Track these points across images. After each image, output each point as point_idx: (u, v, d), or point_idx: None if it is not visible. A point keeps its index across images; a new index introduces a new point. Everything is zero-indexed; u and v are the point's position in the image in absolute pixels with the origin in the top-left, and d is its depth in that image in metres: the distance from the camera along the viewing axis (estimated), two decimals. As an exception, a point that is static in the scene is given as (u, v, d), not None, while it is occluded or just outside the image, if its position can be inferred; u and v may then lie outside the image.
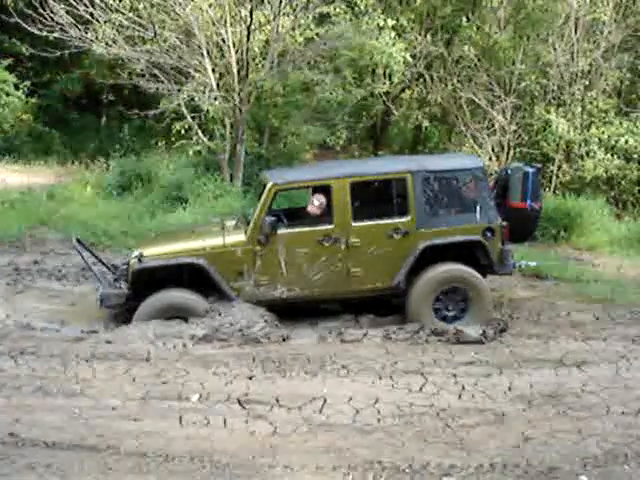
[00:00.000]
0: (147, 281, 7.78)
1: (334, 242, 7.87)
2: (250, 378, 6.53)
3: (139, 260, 7.74)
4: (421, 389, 6.39)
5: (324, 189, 8.00)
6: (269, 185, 7.84)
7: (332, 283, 7.92)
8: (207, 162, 13.73)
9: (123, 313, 8.16)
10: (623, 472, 5.00)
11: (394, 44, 13.05)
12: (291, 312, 7.95)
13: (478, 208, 8.01)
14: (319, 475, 4.86)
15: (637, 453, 5.25)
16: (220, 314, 7.61)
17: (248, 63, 12.57)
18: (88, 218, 11.96)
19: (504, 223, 8.08)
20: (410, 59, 13.70)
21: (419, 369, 6.82)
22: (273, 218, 7.75)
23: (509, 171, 8.65)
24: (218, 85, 12.90)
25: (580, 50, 13.76)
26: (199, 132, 13.42)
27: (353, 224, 7.88)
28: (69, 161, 17.69)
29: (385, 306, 8.27)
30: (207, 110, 12.87)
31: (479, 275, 7.97)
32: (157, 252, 7.91)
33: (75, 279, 9.59)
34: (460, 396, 6.27)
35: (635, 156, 13.83)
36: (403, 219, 7.94)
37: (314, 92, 14.14)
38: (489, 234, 7.99)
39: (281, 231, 7.84)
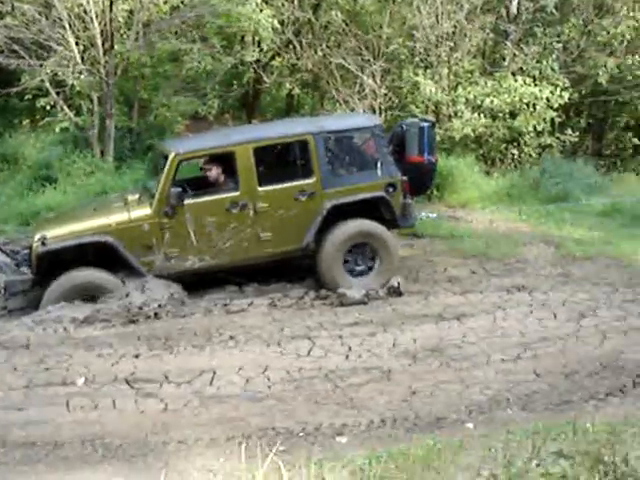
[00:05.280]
0: (53, 263, 7.47)
1: (242, 208, 7.82)
2: (136, 357, 6.45)
3: (43, 243, 7.42)
4: (309, 353, 6.49)
5: (226, 156, 7.91)
6: (172, 156, 7.67)
7: (243, 250, 7.90)
8: (76, 139, 13.21)
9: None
10: (506, 416, 5.26)
11: (261, 10, 12.93)
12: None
13: (379, 165, 8.14)
14: (213, 447, 4.87)
15: (518, 397, 5.55)
16: (111, 295, 7.47)
17: (113, 34, 12.15)
18: (-49, 203, 11.39)
19: (404, 178, 8.25)
20: (278, 25, 13.62)
21: (306, 334, 6.92)
22: (179, 189, 7.61)
23: (404, 127, 8.79)
24: (83, 58, 12.43)
25: (444, 12, 14.03)
26: (65, 108, 12.90)
27: (259, 189, 7.86)
28: None
29: (270, 274, 8.30)
30: (72, 85, 12.39)
31: (385, 229, 8.16)
32: (61, 233, 7.60)
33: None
34: (347, 357, 6.41)
35: (500, 115, 14.34)
36: (308, 181, 7.98)
37: (182, 62, 13.84)
38: (391, 189, 8.15)
39: (188, 201, 7.71)
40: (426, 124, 8.71)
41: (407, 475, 3.79)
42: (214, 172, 8.10)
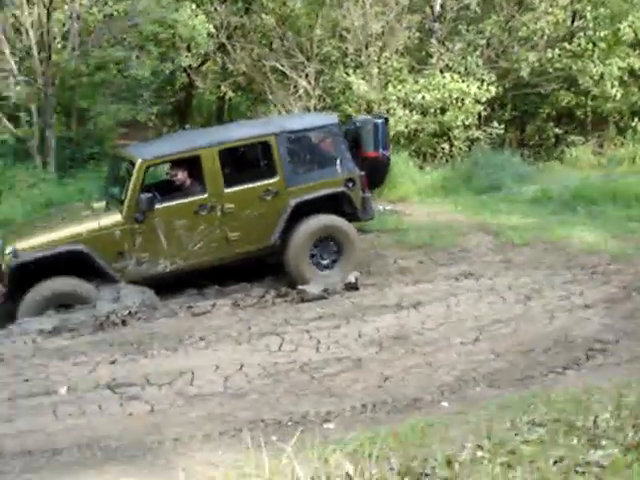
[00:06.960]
0: (25, 275, 7.51)
1: (210, 210, 8.06)
2: (113, 363, 6.56)
3: (15, 256, 7.46)
4: (280, 348, 6.75)
5: (192, 159, 8.10)
6: (139, 162, 7.81)
7: (212, 251, 8.14)
8: (16, 151, 13.13)
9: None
10: (476, 393, 5.65)
11: (196, 16, 13.09)
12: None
13: (338, 161, 8.50)
14: (209, 442, 5.04)
15: (483, 376, 5.96)
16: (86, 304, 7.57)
17: (50, 44, 12.14)
18: None
19: (362, 173, 8.62)
20: (214, 30, 13.79)
21: (274, 330, 7.17)
22: (149, 195, 7.77)
23: (357, 124, 9.18)
24: (20, 69, 12.38)
25: (373, 14, 14.48)
26: (4, 120, 12.81)
27: (226, 190, 8.11)
28: None
29: (229, 276, 8.53)
30: (10, 96, 12.32)
31: (348, 223, 8.53)
32: (32, 244, 7.64)
33: None
34: (317, 349, 6.71)
35: (431, 110, 14.87)
36: (272, 180, 8.28)
37: (119, 70, 13.87)
38: (351, 184, 8.53)
39: (157, 206, 7.88)
40: (379, 120, 9.12)
41: (402, 452, 4.10)
42: (181, 176, 8.32)
